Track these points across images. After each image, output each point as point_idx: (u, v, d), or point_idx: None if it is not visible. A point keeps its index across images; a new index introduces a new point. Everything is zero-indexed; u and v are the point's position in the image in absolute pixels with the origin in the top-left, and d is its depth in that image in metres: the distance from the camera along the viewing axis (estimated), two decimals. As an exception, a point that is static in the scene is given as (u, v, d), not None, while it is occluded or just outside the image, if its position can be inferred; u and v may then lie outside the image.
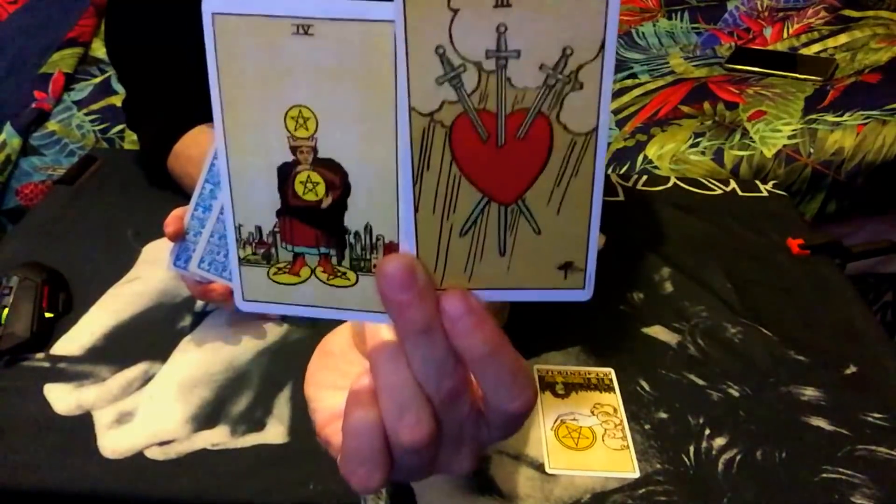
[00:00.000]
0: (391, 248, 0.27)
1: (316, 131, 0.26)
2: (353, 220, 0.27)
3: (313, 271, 0.28)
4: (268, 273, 0.29)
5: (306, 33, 0.25)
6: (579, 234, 0.26)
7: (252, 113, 0.26)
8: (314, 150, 0.26)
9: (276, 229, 0.28)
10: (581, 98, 0.24)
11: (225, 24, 0.25)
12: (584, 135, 0.25)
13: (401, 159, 0.25)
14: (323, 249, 0.28)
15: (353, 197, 0.27)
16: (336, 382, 0.35)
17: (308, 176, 0.27)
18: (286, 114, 0.26)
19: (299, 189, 0.27)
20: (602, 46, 0.24)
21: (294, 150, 0.26)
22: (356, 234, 0.27)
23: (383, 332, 0.28)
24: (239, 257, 0.29)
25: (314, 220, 0.28)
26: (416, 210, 0.26)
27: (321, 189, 0.27)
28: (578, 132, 0.25)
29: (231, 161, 0.27)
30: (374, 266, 0.28)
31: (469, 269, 0.27)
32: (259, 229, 0.28)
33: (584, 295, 0.27)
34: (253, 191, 0.27)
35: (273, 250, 0.28)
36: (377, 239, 0.27)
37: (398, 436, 0.27)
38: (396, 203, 0.26)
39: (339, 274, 0.28)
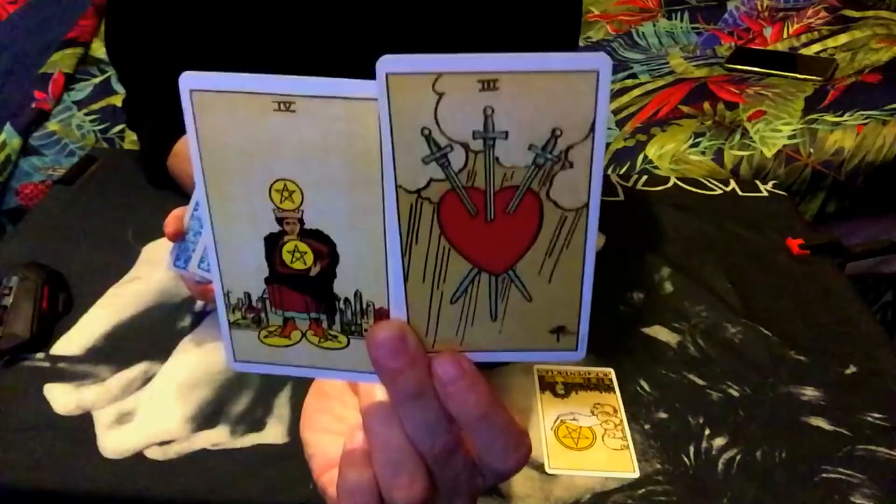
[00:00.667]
0: (382, 313, 0.27)
1: (301, 204, 0.26)
2: (343, 287, 0.27)
3: (304, 335, 0.28)
4: (258, 336, 0.29)
5: (288, 110, 0.24)
6: (571, 299, 0.26)
7: (237, 186, 0.26)
8: (300, 221, 0.26)
9: (265, 295, 0.28)
10: (571, 176, 0.24)
11: (204, 100, 0.25)
12: (575, 210, 0.25)
13: (389, 233, 0.25)
14: (313, 315, 0.28)
15: (342, 265, 0.27)
16: (331, 427, 0.35)
17: (295, 246, 0.27)
18: (271, 187, 0.26)
19: (287, 258, 0.27)
20: (592, 128, 0.23)
21: (280, 221, 0.26)
22: (346, 300, 0.27)
23: (376, 389, 0.28)
24: (229, 321, 0.28)
25: (303, 286, 0.27)
26: (406, 280, 0.26)
27: (309, 258, 0.27)
28: (569, 208, 0.25)
29: (216, 230, 0.27)
30: (366, 330, 0.28)
31: (461, 333, 0.27)
32: (248, 295, 0.28)
33: (578, 355, 0.27)
34: (240, 258, 0.27)
35: (263, 315, 0.28)
36: (367, 305, 0.27)
37: (392, 496, 0.28)
38: (385, 271, 0.26)
39: (329, 337, 0.28)
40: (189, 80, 0.24)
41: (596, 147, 0.23)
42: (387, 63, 0.22)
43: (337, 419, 0.35)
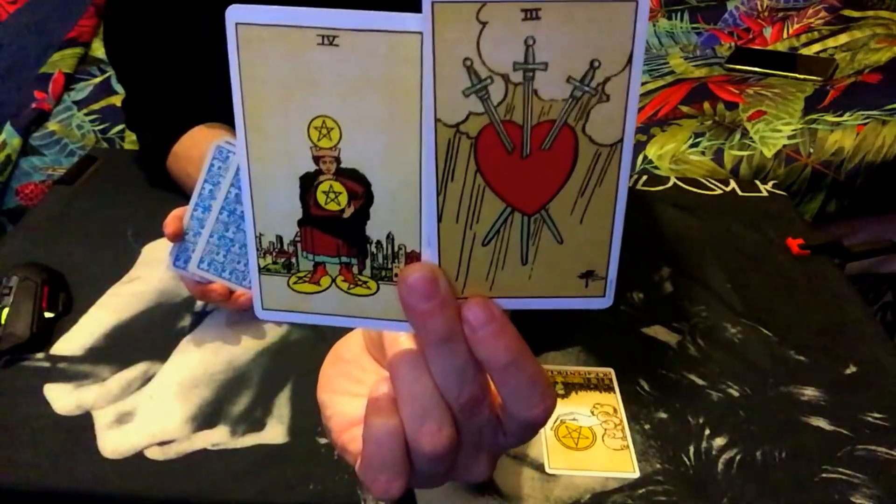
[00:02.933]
0: (413, 257, 0.27)
1: (339, 141, 0.26)
2: (375, 229, 0.27)
3: (334, 280, 0.28)
4: (288, 282, 0.29)
5: (331, 44, 0.24)
6: (602, 242, 0.26)
7: (275, 122, 0.26)
8: (337, 160, 0.26)
9: (297, 238, 0.28)
10: (607, 110, 0.24)
11: (248, 33, 0.25)
12: (610, 146, 0.25)
13: (425, 170, 0.25)
14: (344, 259, 0.28)
15: (376, 207, 0.27)
16: (350, 389, 0.35)
17: (330, 186, 0.27)
18: (309, 124, 0.26)
19: (321, 199, 0.27)
20: (630, 59, 0.23)
21: (317, 159, 0.26)
22: (378, 243, 0.27)
23: (402, 339, 0.29)
24: (259, 266, 0.28)
25: (336, 229, 0.27)
26: (440, 220, 0.26)
27: (343, 199, 0.27)
28: (604, 143, 0.25)
29: (252, 169, 0.27)
30: (396, 275, 0.27)
31: (491, 277, 0.27)
32: (280, 238, 0.28)
33: (605, 302, 0.27)
34: (274, 200, 0.27)
35: (294, 259, 0.28)
36: (399, 248, 0.27)
37: (419, 443, 0.28)
38: (419, 213, 0.26)
39: (359, 283, 0.28)
40: (235, 14, 0.24)
41: (633, 80, 0.24)
42: None
43: (355, 381, 0.35)
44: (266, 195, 0.27)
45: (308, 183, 0.27)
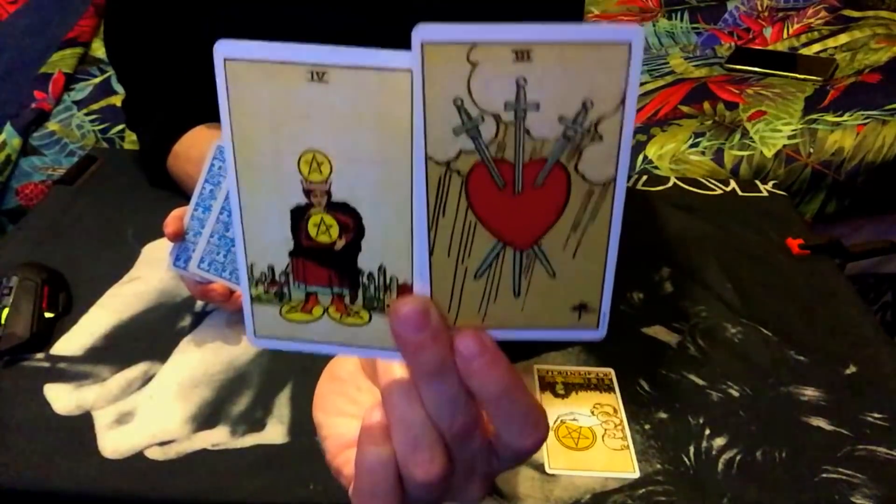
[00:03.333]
0: (405, 289, 0.27)
1: (330, 175, 0.26)
2: (367, 261, 0.27)
3: (326, 310, 0.28)
4: (280, 311, 0.29)
5: (321, 80, 0.24)
6: (595, 276, 0.26)
7: (265, 156, 0.26)
8: (328, 193, 0.26)
9: (289, 269, 0.28)
10: (600, 149, 0.24)
11: (236, 69, 0.25)
12: (602, 184, 0.25)
13: (416, 205, 0.25)
14: (336, 289, 0.28)
15: (367, 239, 0.27)
16: (345, 409, 0.35)
17: (321, 218, 0.27)
18: (300, 157, 0.26)
19: (312, 231, 0.27)
20: (623, 100, 0.23)
21: (307, 193, 0.26)
22: (370, 274, 0.27)
23: (395, 367, 0.29)
24: (251, 296, 0.28)
25: (327, 260, 0.27)
26: (431, 254, 0.26)
27: (335, 231, 0.27)
28: (596, 182, 0.25)
29: (243, 200, 0.27)
30: (388, 306, 0.28)
31: (483, 309, 0.27)
32: (272, 268, 0.28)
33: (598, 335, 0.27)
34: (266, 230, 0.27)
35: (286, 289, 0.28)
36: (391, 280, 0.27)
37: (411, 472, 0.28)
38: (410, 246, 0.26)
39: (352, 313, 0.28)
40: (223, 49, 0.25)
41: (626, 120, 0.24)
42: (422, 32, 0.23)
43: (351, 402, 0.35)
44: (257, 226, 0.27)
45: (299, 215, 0.27)
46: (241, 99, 0.25)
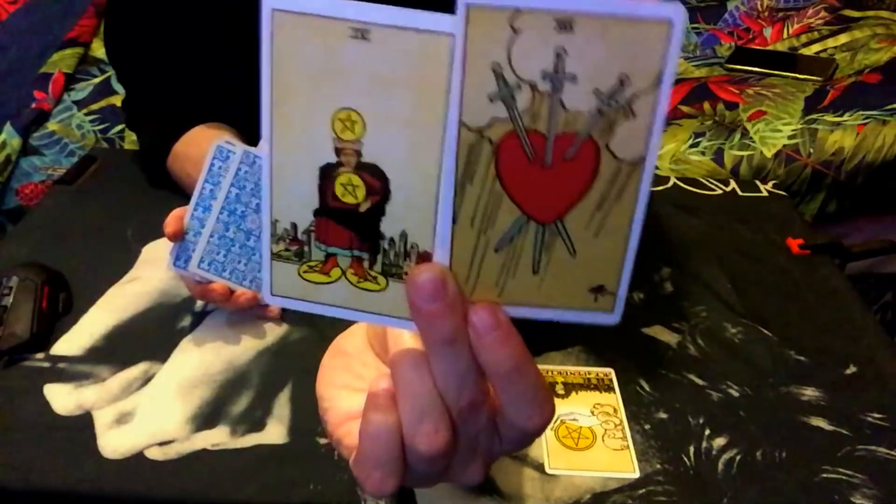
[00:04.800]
0: (424, 257, 0.27)
1: (362, 135, 0.26)
2: (390, 226, 0.27)
3: (344, 273, 0.28)
4: (298, 270, 0.29)
5: (363, 38, 0.24)
6: (615, 258, 0.26)
7: (301, 111, 0.26)
8: (358, 153, 0.26)
9: (312, 228, 0.28)
10: (633, 127, 0.24)
11: (283, 20, 0.25)
12: (632, 163, 0.25)
13: (444, 171, 0.25)
14: (356, 252, 0.28)
15: (392, 203, 0.27)
16: (350, 383, 0.35)
17: (349, 179, 0.27)
18: (334, 115, 0.26)
19: (339, 191, 0.27)
20: (659, 79, 0.23)
21: (338, 151, 0.26)
22: (391, 240, 0.27)
23: (406, 338, 0.29)
24: (271, 252, 0.28)
25: (350, 222, 0.27)
26: (454, 222, 0.26)
27: (361, 193, 0.27)
28: (626, 160, 0.25)
29: (275, 156, 0.27)
30: (406, 273, 0.28)
31: (500, 284, 0.27)
32: (294, 226, 0.28)
33: (613, 318, 0.27)
34: (293, 187, 0.27)
35: (306, 248, 0.28)
36: (411, 247, 0.27)
37: (415, 443, 0.28)
38: (434, 213, 0.26)
39: (369, 278, 0.28)
40: (272, 0, 0.25)
41: (661, 100, 0.24)
42: None
43: (356, 376, 0.35)
44: (285, 182, 0.27)
45: (327, 174, 0.27)
46: (284, 51, 0.25)
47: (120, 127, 1.30)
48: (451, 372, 0.27)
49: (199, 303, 0.68)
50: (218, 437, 0.55)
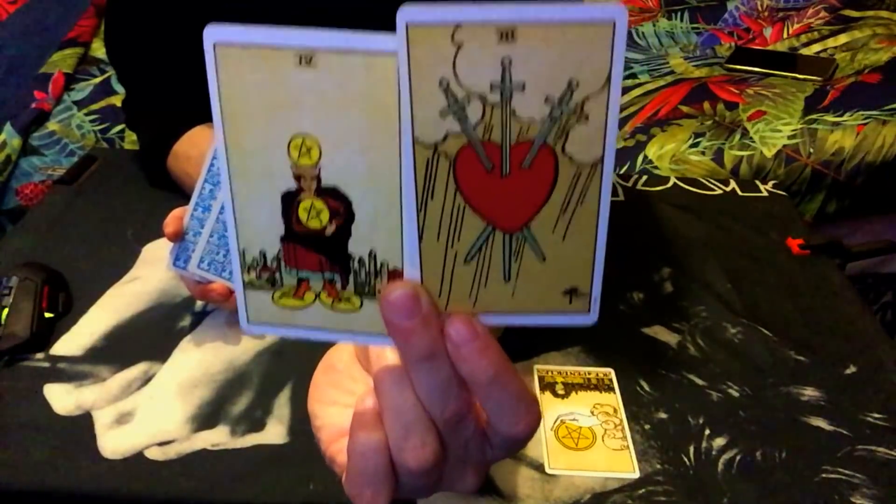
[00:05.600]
0: (396, 274, 0.27)
1: (319, 160, 0.26)
2: (358, 246, 0.27)
3: (317, 296, 0.28)
4: (272, 297, 0.29)
5: (309, 64, 0.24)
6: (585, 260, 0.26)
7: (255, 141, 0.26)
8: (318, 178, 0.26)
9: (280, 254, 0.28)
10: (587, 129, 0.24)
11: (226, 53, 0.25)
12: (590, 165, 0.25)
13: (405, 189, 0.25)
14: (327, 275, 0.28)
15: (357, 224, 0.27)
16: (340, 399, 0.35)
17: (312, 203, 0.27)
18: (290, 142, 0.26)
19: (303, 216, 0.27)
20: (608, 79, 0.23)
21: (297, 177, 0.26)
22: (360, 260, 0.27)
23: (388, 354, 0.29)
24: (243, 281, 0.29)
25: (318, 245, 0.28)
26: (421, 238, 0.26)
27: (325, 216, 0.27)
28: (584, 162, 0.25)
29: (234, 186, 0.27)
30: (379, 291, 0.28)
31: (474, 294, 0.27)
32: (263, 254, 0.28)
33: (590, 319, 0.27)
34: (257, 216, 0.27)
35: (277, 275, 0.28)
36: (382, 265, 0.27)
37: (403, 458, 0.28)
38: (400, 231, 0.26)
39: (343, 299, 0.28)
40: (213, 33, 0.25)
41: (611, 99, 0.24)
42: (406, 13, 0.23)
43: (346, 392, 0.35)
44: (248, 211, 0.27)
45: (290, 200, 0.27)
46: (231, 83, 0.25)
47: (120, 127, 1.30)
48: (433, 385, 0.27)
49: (199, 303, 0.68)
50: (218, 437, 0.55)
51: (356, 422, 0.29)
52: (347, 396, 0.34)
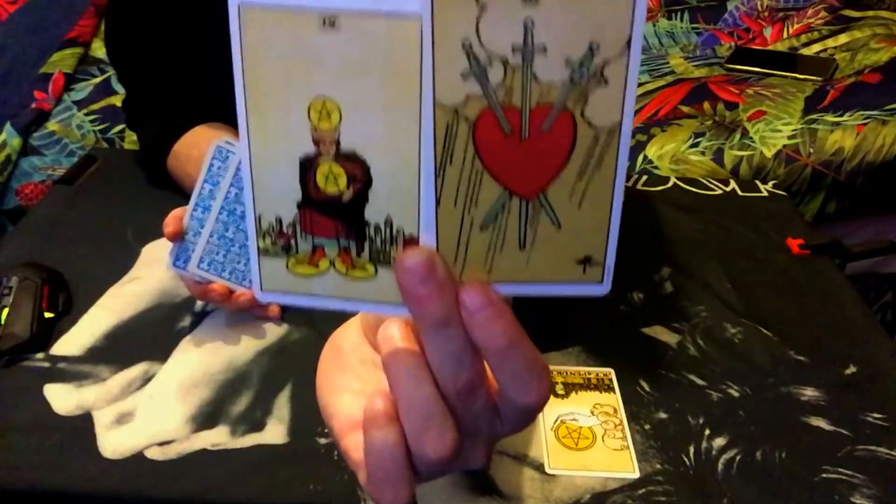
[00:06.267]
0: (411, 241, 0.27)
1: (339, 123, 0.26)
2: (374, 212, 0.27)
3: (332, 263, 0.28)
4: (286, 264, 0.29)
5: (332, 26, 0.25)
6: (600, 228, 0.26)
7: (275, 104, 0.26)
8: (337, 142, 0.26)
9: (296, 220, 0.28)
10: (606, 94, 0.24)
11: (251, 15, 0.25)
12: (608, 130, 0.25)
13: (424, 153, 0.25)
14: (343, 241, 0.28)
15: (375, 190, 0.27)
16: (350, 385, 0.34)
17: (330, 168, 0.27)
18: (309, 105, 0.26)
19: (321, 181, 0.27)
20: (628, 43, 0.24)
21: (316, 141, 0.26)
22: (376, 226, 0.27)
23: (395, 338, 0.28)
24: (258, 248, 0.28)
25: (335, 212, 0.27)
26: (438, 204, 0.26)
27: (343, 182, 0.27)
28: (602, 127, 0.25)
29: (253, 150, 0.27)
30: (394, 259, 0.27)
31: (488, 262, 0.27)
32: (279, 220, 0.28)
33: (603, 289, 0.27)
34: (274, 181, 0.27)
35: (292, 241, 0.28)
36: (397, 232, 0.27)
37: (423, 450, 0.28)
38: (417, 196, 0.26)
39: (358, 266, 0.28)
40: None
41: (631, 64, 0.24)
42: None
43: (356, 377, 0.34)
44: (266, 176, 0.27)
45: (308, 165, 0.27)
46: (254, 45, 0.25)
47: (120, 127, 1.30)
48: (447, 354, 0.27)
49: (199, 303, 0.68)
50: (218, 437, 0.55)
51: (368, 422, 0.28)
52: (356, 382, 0.34)
